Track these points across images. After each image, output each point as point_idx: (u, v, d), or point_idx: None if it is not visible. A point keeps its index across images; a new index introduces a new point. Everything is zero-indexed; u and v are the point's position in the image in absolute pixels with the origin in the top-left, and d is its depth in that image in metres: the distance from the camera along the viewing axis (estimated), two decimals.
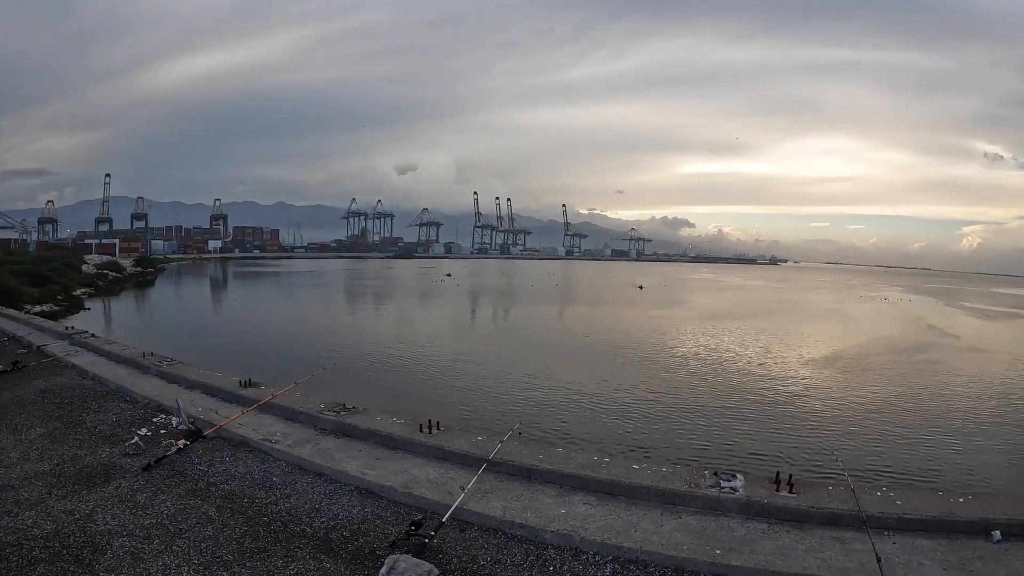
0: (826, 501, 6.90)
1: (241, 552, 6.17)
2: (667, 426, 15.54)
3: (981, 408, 18.81)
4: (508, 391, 18.62)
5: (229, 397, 11.49)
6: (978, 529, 6.63)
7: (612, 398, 18.00)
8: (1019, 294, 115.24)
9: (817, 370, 24.23)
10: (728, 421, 16.19)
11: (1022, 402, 20.31)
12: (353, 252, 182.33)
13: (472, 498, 7.16)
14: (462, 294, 60.37)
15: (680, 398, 18.41)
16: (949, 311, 63.93)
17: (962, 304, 76.33)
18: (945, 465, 13.35)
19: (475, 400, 17.35)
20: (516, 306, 51.36)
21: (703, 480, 7.33)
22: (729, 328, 37.41)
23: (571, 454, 8.42)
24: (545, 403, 17.26)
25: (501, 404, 16.97)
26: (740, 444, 14.19)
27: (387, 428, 9.23)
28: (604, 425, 15.35)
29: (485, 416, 15.33)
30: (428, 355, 24.37)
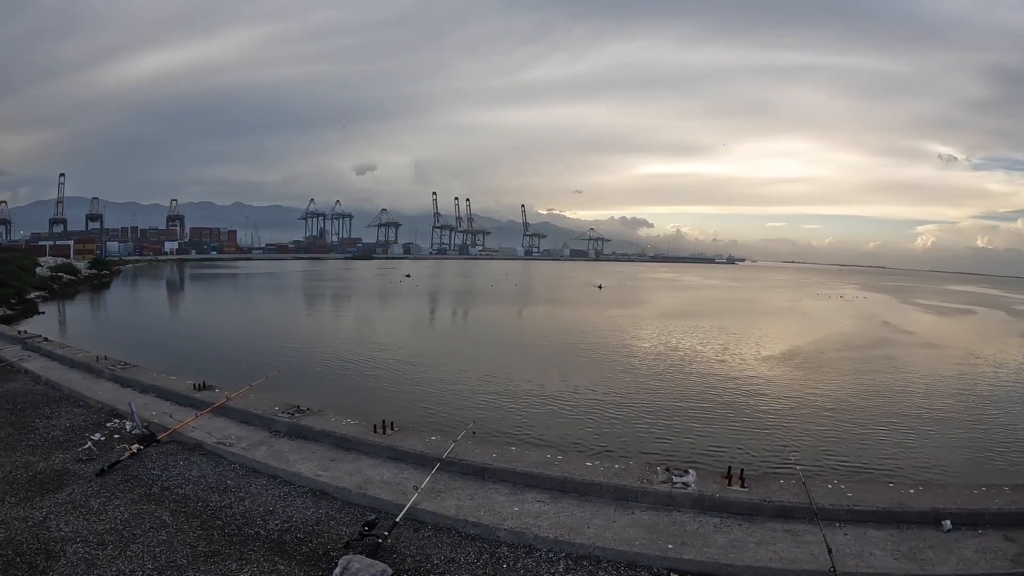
0: (778, 494, 7.06)
1: (195, 556, 6.19)
2: (622, 423, 15.64)
3: (935, 401, 19.32)
4: (464, 391, 18.59)
5: (183, 400, 11.41)
6: (929, 519, 6.84)
7: (568, 396, 18.08)
8: (971, 291, 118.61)
9: (773, 366, 24.66)
10: (683, 417, 16.36)
11: (974, 395, 20.92)
12: (312, 253, 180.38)
13: (426, 498, 7.21)
14: (421, 295, 60.03)
15: (636, 396, 18.55)
16: (904, 308, 65.48)
17: (916, 301, 78.17)
18: (898, 458, 13.66)
19: (430, 400, 17.27)
20: (475, 307, 51.31)
21: (655, 476, 7.46)
22: (687, 326, 37.79)
23: (524, 452, 8.52)
24: (500, 402, 17.28)
25: (456, 404, 16.93)
26: (694, 440, 14.34)
27: (341, 429, 9.26)
28: (559, 423, 15.43)
29: (440, 416, 15.28)
30: (385, 356, 24.19)
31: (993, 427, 16.76)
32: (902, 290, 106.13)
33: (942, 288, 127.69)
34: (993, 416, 18.03)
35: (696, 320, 42.23)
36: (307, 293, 62.22)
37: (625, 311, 48.32)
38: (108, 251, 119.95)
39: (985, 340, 39.89)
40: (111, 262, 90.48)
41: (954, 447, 14.95)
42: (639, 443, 13.98)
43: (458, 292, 66.80)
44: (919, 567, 6.05)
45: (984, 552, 6.31)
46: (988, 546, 6.43)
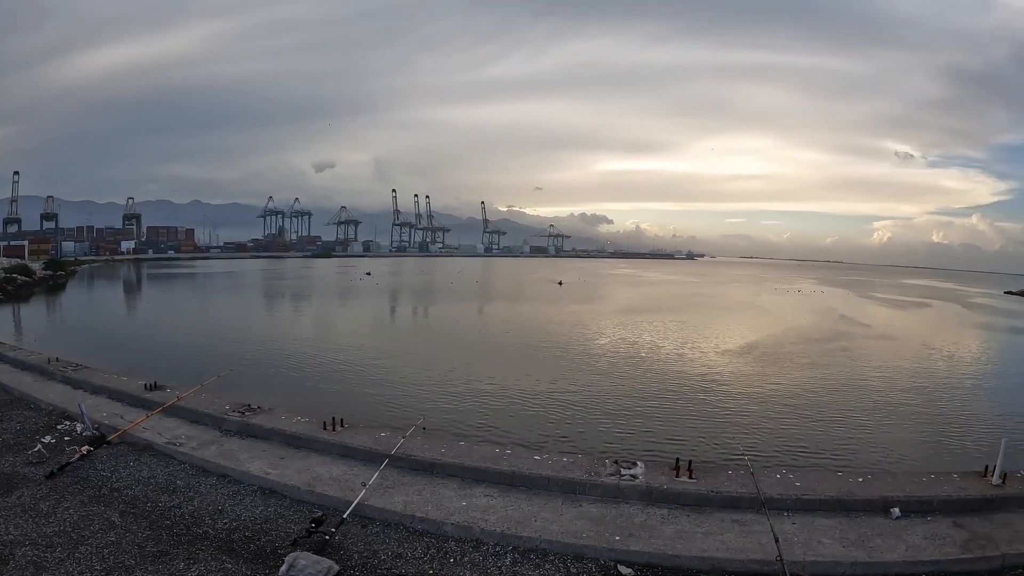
0: (725, 485, 7.10)
1: (143, 556, 6.16)
2: (574, 418, 15.65)
3: (888, 392, 19.66)
4: (416, 387, 18.45)
5: (135, 401, 11.23)
6: (877, 507, 6.96)
7: (522, 392, 18.03)
8: (926, 285, 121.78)
9: (729, 360, 24.89)
10: (636, 411, 16.42)
11: (927, 385, 21.37)
12: (270, 251, 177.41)
13: (374, 494, 7.16)
14: (381, 293, 59.36)
15: (590, 390, 18.56)
16: (861, 302, 66.80)
17: (873, 295, 79.89)
18: (849, 448, 13.85)
19: (383, 396, 17.13)
20: (435, 304, 50.89)
21: (604, 469, 7.46)
22: (646, 321, 38.09)
23: (473, 447, 8.49)
24: (453, 398, 17.19)
25: (408, 400, 16.79)
26: (645, 433, 14.41)
27: (291, 427, 9.19)
28: (511, 418, 15.38)
29: (391, 412, 15.13)
30: (340, 353, 23.90)
31: (945, 416, 17.09)
32: (859, 284, 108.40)
33: (898, 282, 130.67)
34: (945, 405, 18.42)
35: (655, 315, 42.51)
36: (265, 292, 61.18)
37: (585, 307, 48.41)
38: (64, 251, 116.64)
39: (940, 332, 40.87)
40: (67, 262, 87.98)
41: (905, 436, 15.20)
42: (590, 437, 13.98)
43: (418, 290, 66.22)
44: (867, 554, 6.12)
45: (933, 538, 6.42)
46: (937, 532, 6.55)
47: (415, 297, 58.31)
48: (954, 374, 24.22)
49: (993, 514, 7.01)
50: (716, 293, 72.54)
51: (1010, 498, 7.24)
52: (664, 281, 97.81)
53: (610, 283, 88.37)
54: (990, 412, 17.94)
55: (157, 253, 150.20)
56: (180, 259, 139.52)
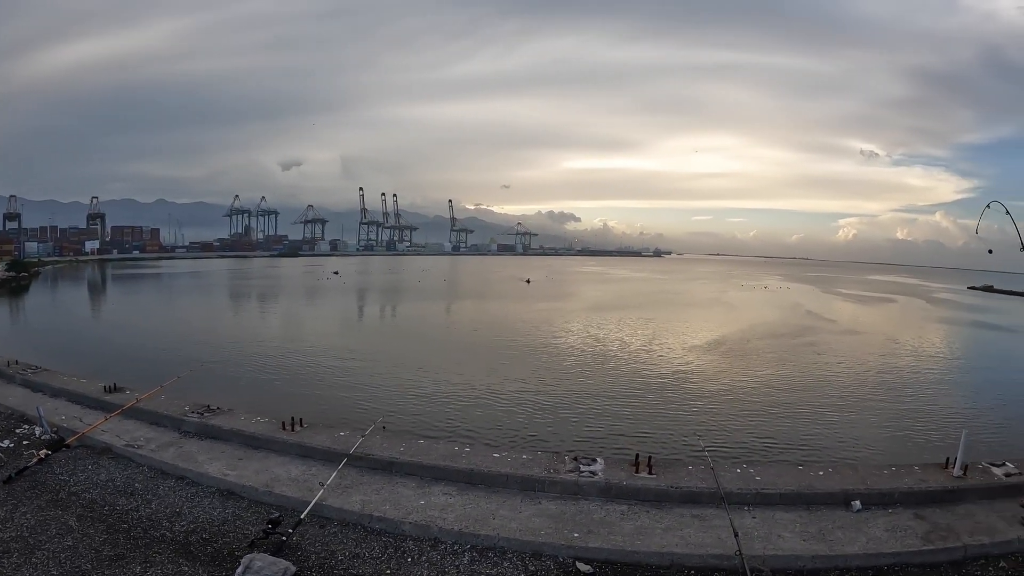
0: (685, 480, 7.06)
1: (100, 560, 6.03)
2: (535, 415, 15.65)
3: (850, 386, 19.94)
4: (378, 386, 18.37)
5: (94, 403, 10.92)
6: (838, 500, 6.95)
7: (484, 389, 18.00)
8: (891, 280, 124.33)
9: (695, 356, 25.11)
10: (597, 407, 16.46)
11: (890, 379, 21.70)
12: (237, 251, 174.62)
13: (332, 494, 7.04)
14: (348, 292, 58.67)
15: (552, 387, 18.60)
16: (826, 297, 67.88)
17: (838, 291, 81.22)
18: (810, 441, 14.02)
19: (344, 395, 17.03)
20: (402, 303, 50.71)
21: (563, 465, 7.40)
22: (613, 318, 38.21)
23: (433, 446, 8.36)
24: (414, 396, 17.13)
25: (369, 398, 16.72)
26: (606, 429, 14.42)
27: (250, 428, 9.02)
28: (472, 416, 15.35)
29: (352, 411, 15.02)
30: (303, 353, 23.68)
31: (907, 409, 17.35)
32: (824, 280, 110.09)
33: (863, 278, 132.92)
34: (907, 399, 18.71)
35: (622, 312, 42.71)
36: (230, 292, 60.23)
37: (552, 305, 48.50)
38: (27, 252, 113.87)
39: (904, 327, 41.66)
40: (30, 263, 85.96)
41: (868, 430, 15.35)
42: (551, 434, 13.96)
43: (385, 289, 65.79)
44: (827, 547, 6.10)
45: (894, 530, 6.42)
46: (898, 524, 6.55)
47: (382, 296, 57.93)
48: (917, 368, 24.63)
49: (955, 505, 7.03)
50: (683, 290, 73.19)
51: (971, 489, 7.26)
52: (631, 278, 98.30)
53: (578, 281, 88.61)
54: (951, 405, 18.29)
55: (122, 253, 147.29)
56: (145, 259, 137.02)
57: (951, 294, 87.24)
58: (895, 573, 5.95)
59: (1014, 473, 7.65)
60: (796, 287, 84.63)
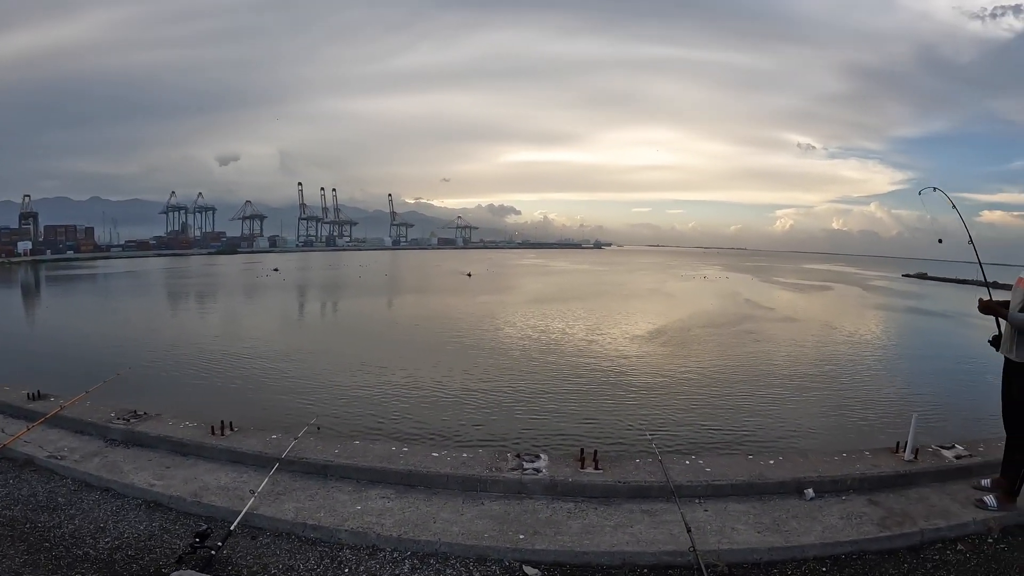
0: (633, 474, 6.80)
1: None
2: (475, 410, 15.20)
3: (795, 374, 20.04)
4: (313, 384, 17.72)
5: (16, 412, 10.02)
6: (790, 489, 6.79)
7: (423, 385, 17.54)
8: (826, 269, 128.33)
9: (637, 346, 25.02)
10: (539, 401, 16.11)
11: (832, 365, 21.97)
12: (174, 249, 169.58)
13: (264, 502, 6.53)
14: (287, 289, 57.01)
15: (493, 381, 18.16)
16: (765, 286, 69.28)
17: (776, 280, 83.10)
18: (759, 430, 13.88)
19: (277, 395, 16.33)
20: (342, 298, 49.41)
21: (505, 463, 7.05)
22: (555, 310, 38.08)
23: (369, 446, 7.90)
24: (350, 395, 16.58)
25: (304, 398, 16.08)
26: (549, 423, 14.09)
27: (178, 433, 8.39)
28: (410, 414, 14.81)
29: (285, 412, 14.29)
30: (237, 352, 22.64)
31: (852, 395, 17.47)
32: (763, 270, 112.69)
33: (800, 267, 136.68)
34: (851, 384, 18.91)
35: (563, 304, 42.69)
36: (166, 292, 57.62)
37: (494, 297, 48.20)
38: None
39: (843, 314, 42.71)
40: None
41: (814, 416, 15.34)
42: (492, 430, 13.55)
43: (325, 285, 64.34)
44: (783, 538, 5.91)
45: (849, 518, 6.30)
46: (853, 511, 6.44)
47: (322, 292, 56.59)
48: (858, 354, 25.00)
49: (907, 489, 6.97)
50: (623, 281, 73.76)
51: (923, 473, 7.23)
52: (572, 270, 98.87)
53: (519, 273, 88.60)
54: (895, 389, 18.54)
55: (56, 254, 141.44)
56: (80, 259, 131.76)
57: (887, 281, 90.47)
58: (853, 561, 5.78)
59: (964, 455, 7.63)
60: (735, 276, 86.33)
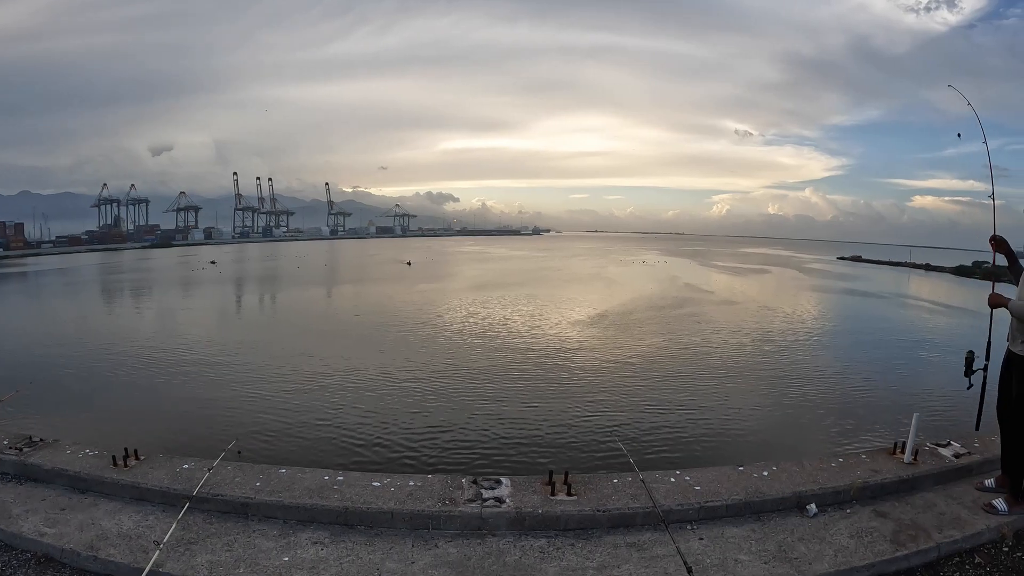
0: (613, 500, 5.74)
1: None
2: (421, 424, 13.26)
3: (762, 364, 19.25)
4: (234, 396, 15.53)
5: None
6: (790, 505, 5.95)
7: (357, 392, 15.72)
8: (763, 252, 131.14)
9: (590, 337, 23.96)
10: (492, 409, 14.35)
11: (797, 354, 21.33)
12: (107, 244, 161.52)
13: (171, 555, 5.18)
14: (223, 283, 53.96)
15: (439, 386, 16.40)
16: (703, 270, 69.61)
17: (714, 263, 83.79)
18: (741, 432, 12.84)
19: (192, 411, 14.17)
20: (280, 291, 46.88)
21: (461, 493, 5.84)
22: (498, 298, 37.02)
23: (298, 476, 6.48)
24: (275, 407, 14.42)
25: (223, 414, 13.97)
26: (506, 435, 12.40)
27: (76, 465, 6.75)
28: (344, 430, 12.88)
29: (200, 432, 12.39)
30: (153, 359, 19.99)
31: (825, 386, 16.75)
32: (700, 254, 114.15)
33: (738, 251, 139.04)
34: (821, 374, 18.25)
35: (505, 291, 41.86)
36: (93, 290, 53.51)
37: (434, 285, 46.94)
38: None
39: (790, 297, 43.45)
40: None
41: (792, 411, 14.43)
42: (441, 447, 11.83)
43: (263, 277, 61.60)
44: (794, 568, 5.01)
45: (859, 536, 5.50)
46: (862, 527, 5.65)
47: (259, 285, 53.88)
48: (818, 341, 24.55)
49: (912, 496, 6.29)
50: (564, 266, 73.41)
51: (925, 476, 6.53)
52: (511, 256, 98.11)
53: (458, 261, 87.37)
54: (865, 377, 17.91)
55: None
56: (10, 257, 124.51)
57: (823, 264, 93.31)
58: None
59: (963, 453, 6.99)
60: (673, 261, 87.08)
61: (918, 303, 42.69)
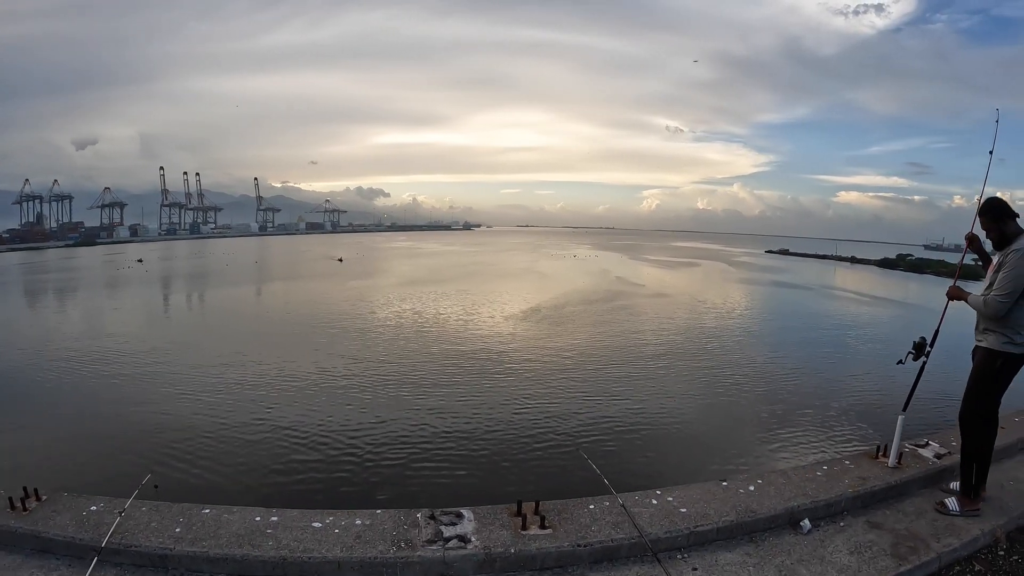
0: (593, 530, 4.97)
1: None
2: (363, 444, 11.34)
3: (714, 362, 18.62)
4: (152, 417, 13.07)
5: None
6: (783, 522, 5.42)
7: (289, 408, 13.48)
8: (692, 246, 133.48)
9: (531, 340, 22.36)
10: (440, 424, 12.48)
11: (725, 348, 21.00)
12: (29, 242, 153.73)
13: None
14: (148, 282, 50.01)
15: (380, 398, 14.35)
16: (634, 264, 70.06)
17: (646, 257, 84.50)
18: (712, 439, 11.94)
19: (105, 435, 11.92)
20: (209, 290, 44.41)
21: (418, 532, 4.88)
22: (431, 295, 35.95)
23: (223, 518, 5.30)
24: (198, 430, 12.17)
25: (139, 439, 11.67)
26: (459, 454, 10.77)
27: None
28: (275, 455, 10.91)
29: (112, 463, 10.41)
30: (60, 373, 17.31)
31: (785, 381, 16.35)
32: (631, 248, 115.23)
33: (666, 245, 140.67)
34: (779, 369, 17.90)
35: (438, 286, 40.96)
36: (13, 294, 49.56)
37: (366, 282, 45.55)
38: None
39: (715, 288, 43.95)
40: None
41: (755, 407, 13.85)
42: (386, 473, 10.08)
43: (190, 275, 58.26)
44: None
45: (859, 552, 5.06)
46: (859, 541, 5.22)
47: (187, 284, 50.65)
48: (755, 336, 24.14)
49: (902, 502, 5.96)
50: (496, 261, 72.95)
51: (912, 480, 6.21)
52: (443, 252, 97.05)
53: (390, 256, 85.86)
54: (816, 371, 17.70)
55: None
56: None
57: (751, 257, 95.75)
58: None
59: (944, 453, 6.68)
60: (604, 255, 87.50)
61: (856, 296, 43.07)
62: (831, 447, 11.25)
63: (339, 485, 9.63)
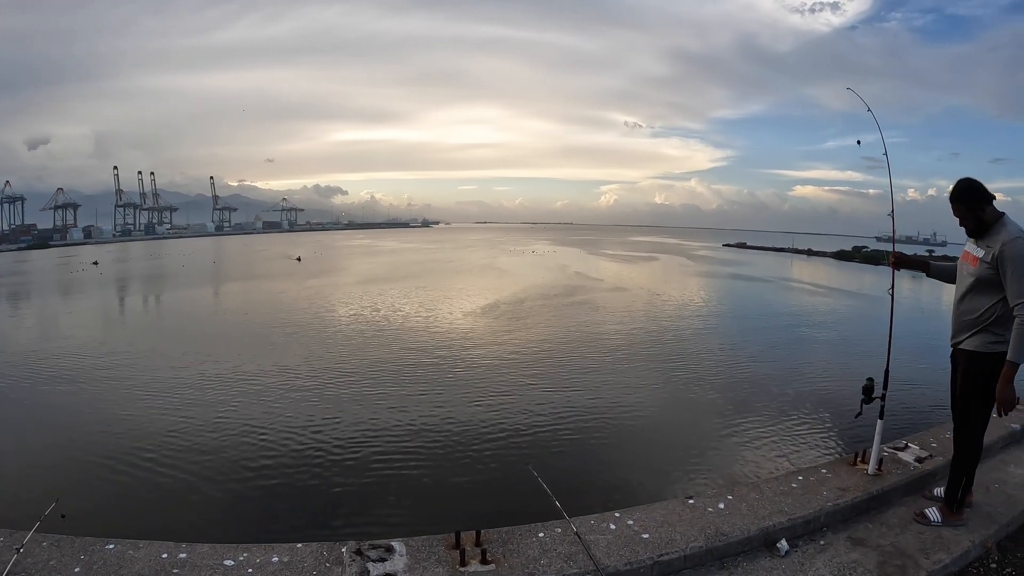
0: (543, 564, 4.21)
1: None
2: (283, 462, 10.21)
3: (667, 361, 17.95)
4: (61, 434, 11.70)
5: None
6: (758, 543, 4.81)
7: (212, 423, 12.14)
8: (651, 240, 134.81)
9: (480, 340, 21.41)
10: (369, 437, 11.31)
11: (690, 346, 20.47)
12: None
13: None
14: (103, 285, 47.99)
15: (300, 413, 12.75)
16: (592, 259, 70.24)
17: (604, 252, 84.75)
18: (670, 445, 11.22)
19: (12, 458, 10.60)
20: (163, 292, 42.97)
21: (341, 570, 4.05)
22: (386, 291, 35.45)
23: (127, 554, 4.35)
24: (113, 449, 10.82)
25: (48, 461, 10.41)
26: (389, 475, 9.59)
27: None
28: (188, 478, 9.67)
29: (14, 487, 9.15)
30: None
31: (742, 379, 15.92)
32: (589, 243, 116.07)
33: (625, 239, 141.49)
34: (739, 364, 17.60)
35: (396, 284, 40.38)
36: None
37: (324, 280, 44.83)
38: None
39: (674, 282, 44.30)
40: None
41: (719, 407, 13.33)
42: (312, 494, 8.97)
43: (146, 277, 56.32)
44: None
45: (844, 575, 4.51)
46: (842, 562, 4.67)
47: (141, 286, 48.43)
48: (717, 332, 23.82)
49: (884, 514, 5.45)
50: (454, 258, 72.91)
51: (893, 489, 5.69)
52: (402, 249, 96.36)
53: (348, 255, 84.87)
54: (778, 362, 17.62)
55: None
56: None
57: (710, 251, 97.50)
58: None
59: (924, 457, 6.20)
60: (563, 250, 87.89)
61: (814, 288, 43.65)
62: (806, 452, 10.73)
63: (258, 513, 8.61)
